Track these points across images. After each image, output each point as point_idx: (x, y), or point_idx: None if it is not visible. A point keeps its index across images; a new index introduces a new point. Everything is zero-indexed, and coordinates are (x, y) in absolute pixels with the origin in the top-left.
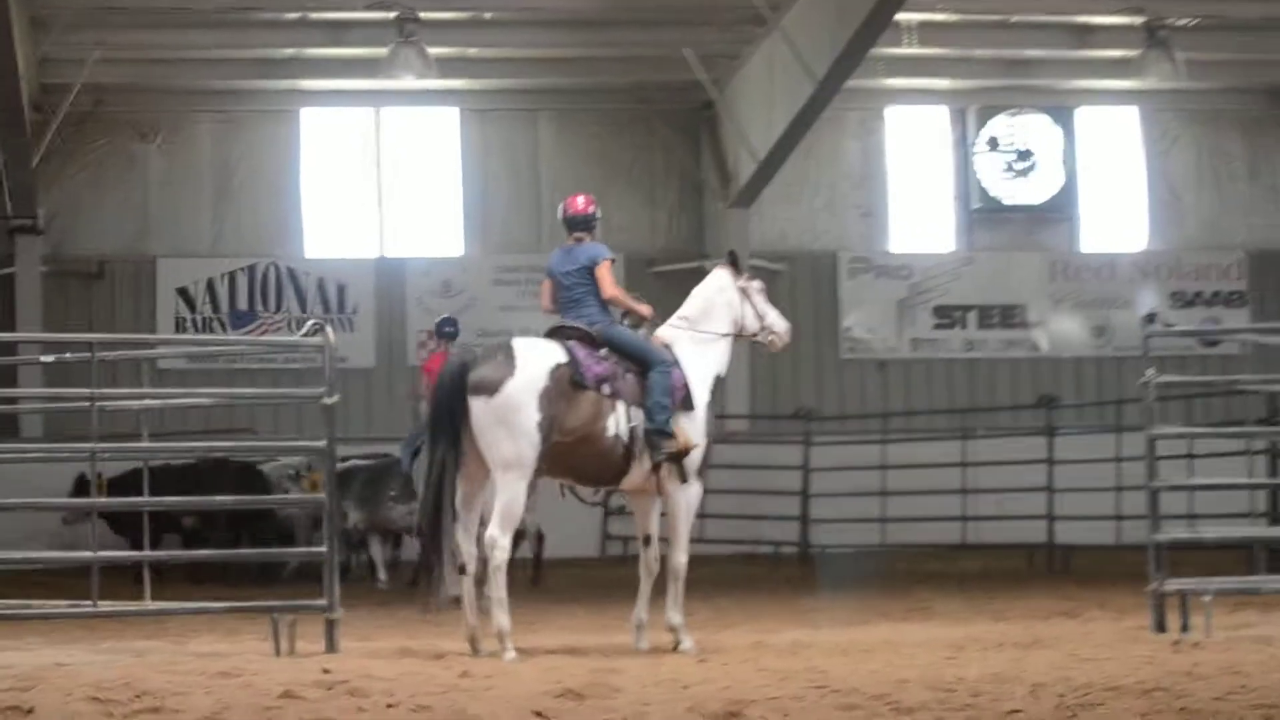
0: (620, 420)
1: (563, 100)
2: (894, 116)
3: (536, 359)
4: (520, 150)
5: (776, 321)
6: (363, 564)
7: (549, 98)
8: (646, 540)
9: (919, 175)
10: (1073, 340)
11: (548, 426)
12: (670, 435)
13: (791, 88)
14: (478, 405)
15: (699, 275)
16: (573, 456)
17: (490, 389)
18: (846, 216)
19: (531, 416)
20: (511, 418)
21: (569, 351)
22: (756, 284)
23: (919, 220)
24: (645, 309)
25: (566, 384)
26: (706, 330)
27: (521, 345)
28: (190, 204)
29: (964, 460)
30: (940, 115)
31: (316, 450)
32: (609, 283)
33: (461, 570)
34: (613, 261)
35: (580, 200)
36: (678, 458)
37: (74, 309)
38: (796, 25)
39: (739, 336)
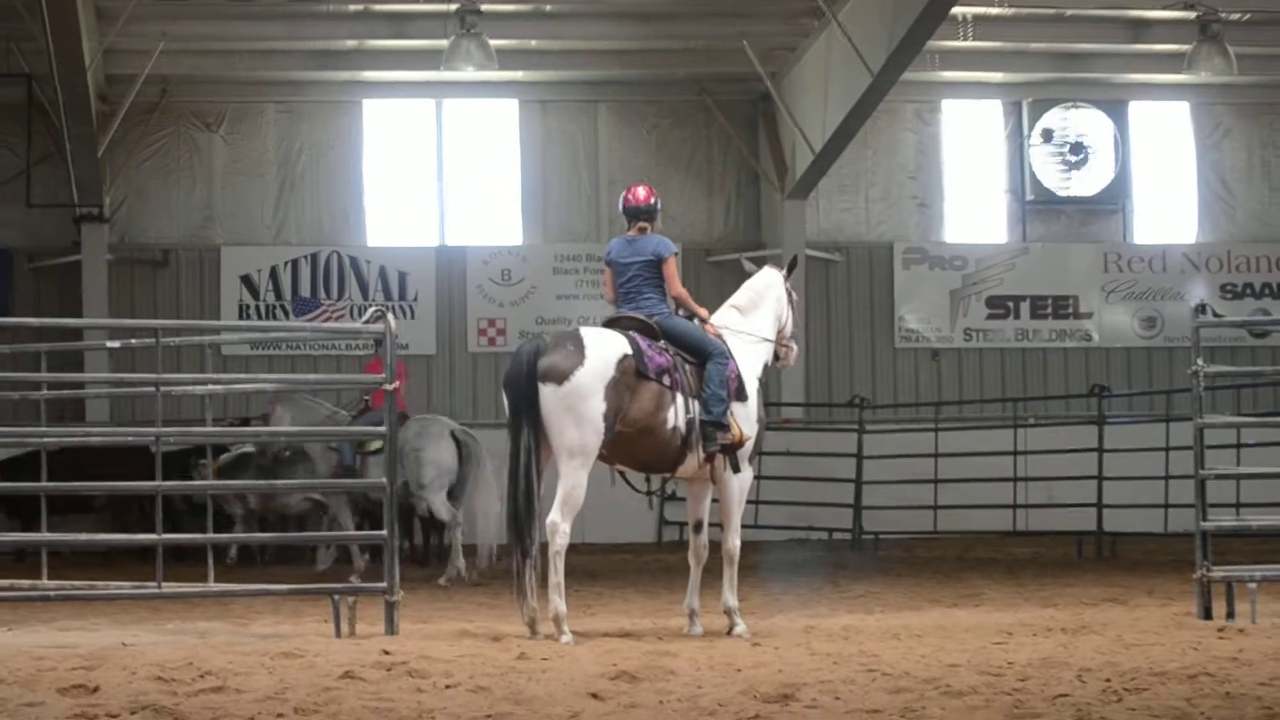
0: (679, 411)
1: (622, 92)
2: (949, 109)
3: (604, 349)
4: (579, 141)
5: (794, 340)
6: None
7: (608, 89)
8: (698, 527)
9: (973, 167)
10: (1124, 330)
11: (612, 416)
12: (725, 427)
13: (848, 80)
14: (547, 392)
15: (756, 265)
16: (632, 445)
17: (560, 377)
18: (902, 207)
19: (598, 406)
20: (579, 406)
21: (633, 342)
22: (795, 296)
23: (973, 212)
24: (704, 312)
25: (631, 375)
26: (753, 327)
27: (590, 335)
28: (254, 193)
29: (1015, 449)
30: (995, 108)
31: (378, 434)
32: (676, 280)
33: (526, 553)
34: (677, 255)
35: (642, 190)
36: (731, 449)
37: (139, 296)
38: (853, 18)
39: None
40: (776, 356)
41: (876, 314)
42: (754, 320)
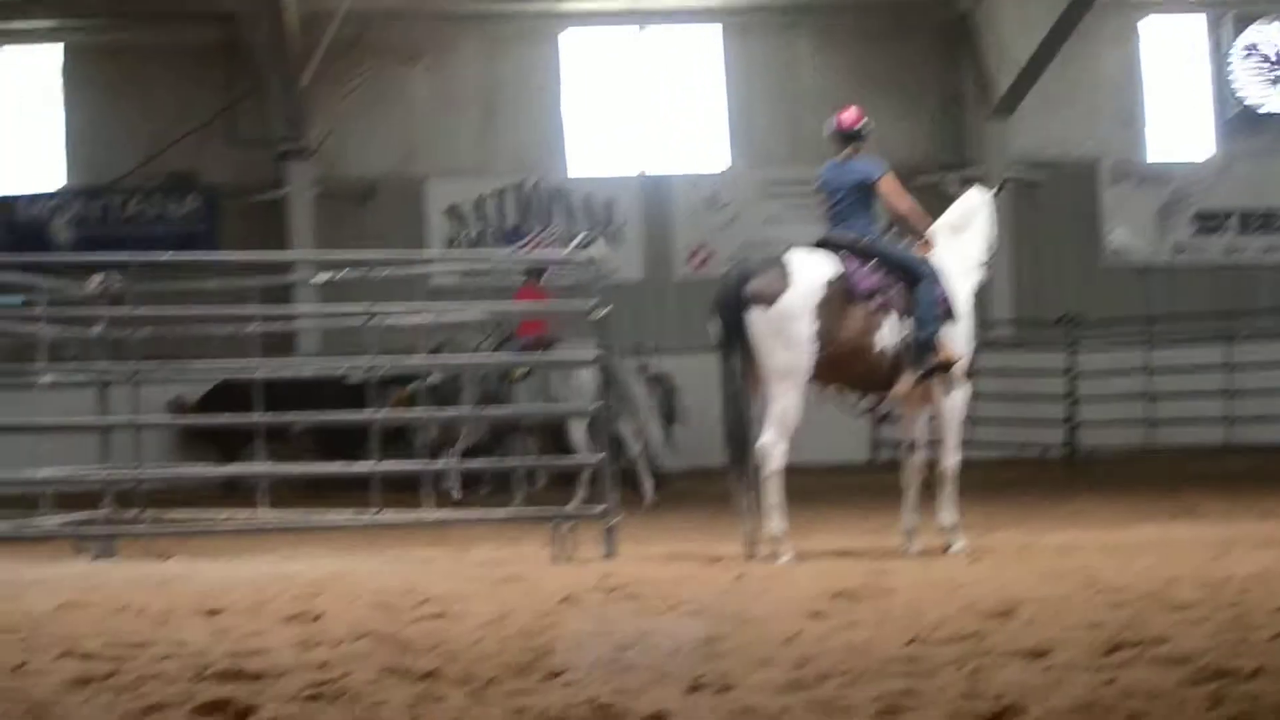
0: (889, 332)
1: (822, 14)
2: (1151, 25)
3: (812, 271)
4: (781, 65)
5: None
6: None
7: (809, 12)
8: (912, 446)
9: (1176, 83)
10: None
11: (822, 338)
12: (936, 347)
13: None
14: (755, 315)
15: (960, 185)
16: (843, 367)
17: (768, 299)
18: (1105, 125)
19: (807, 327)
20: (787, 328)
21: (841, 264)
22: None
23: (1177, 127)
24: (926, 228)
25: (840, 296)
26: (964, 247)
27: (797, 257)
28: (456, 125)
29: (1227, 363)
30: (1197, 23)
31: (588, 362)
32: (900, 194)
33: (743, 475)
34: (889, 174)
35: (850, 114)
36: (943, 368)
37: (345, 230)
38: None
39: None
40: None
41: (1082, 232)
42: (965, 240)
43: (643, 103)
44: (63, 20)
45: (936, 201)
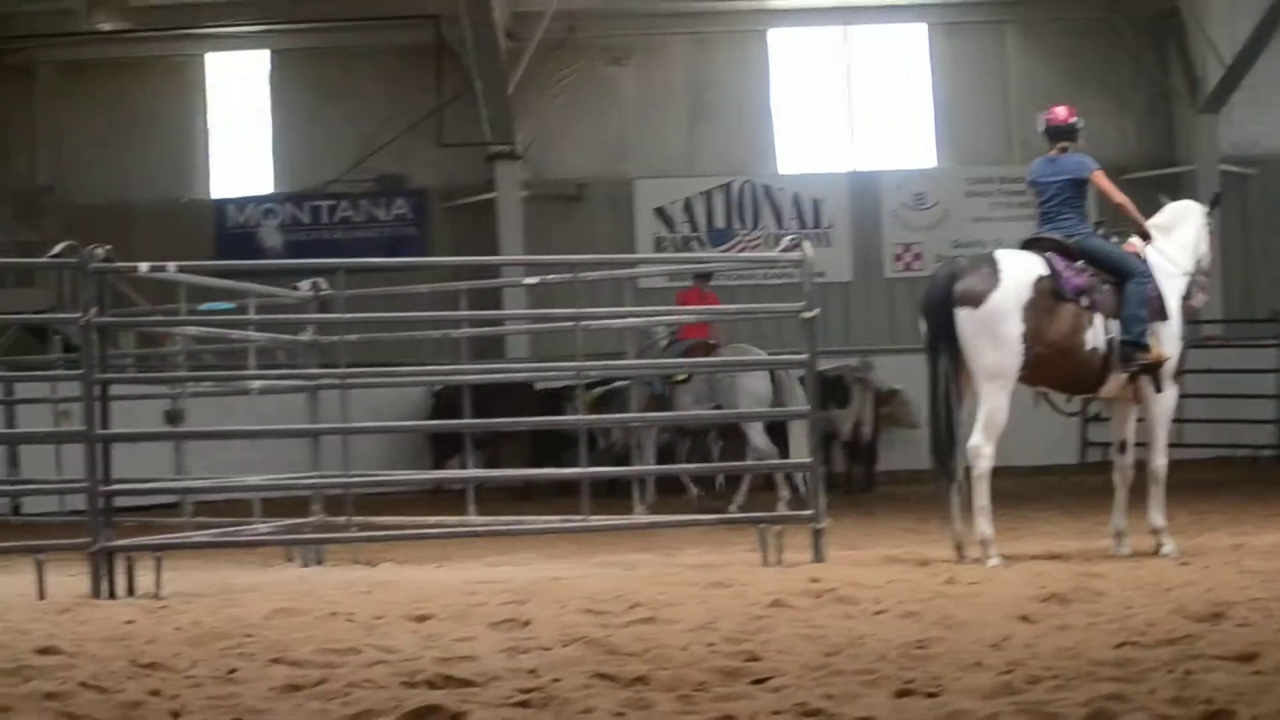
0: (1098, 332)
1: (1029, 11)
2: None
3: (1020, 271)
4: (988, 62)
5: (1207, 280)
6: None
7: (1016, 9)
8: (1122, 447)
9: None
10: None
11: (1030, 338)
12: (1145, 347)
13: None
14: (963, 315)
15: (1170, 182)
16: (1052, 367)
17: (976, 300)
18: None
19: (1015, 328)
20: (996, 328)
21: (1049, 263)
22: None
23: None
24: (1145, 224)
25: (1048, 296)
26: (1173, 247)
27: (1005, 257)
28: (664, 125)
29: None
30: None
31: (798, 363)
32: (1114, 190)
33: (949, 478)
34: (1100, 171)
35: (1062, 110)
36: (1152, 368)
37: (554, 231)
38: None
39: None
40: (1188, 294)
41: None
42: (1174, 240)
43: (849, 101)
44: (269, 25)
45: (1145, 200)
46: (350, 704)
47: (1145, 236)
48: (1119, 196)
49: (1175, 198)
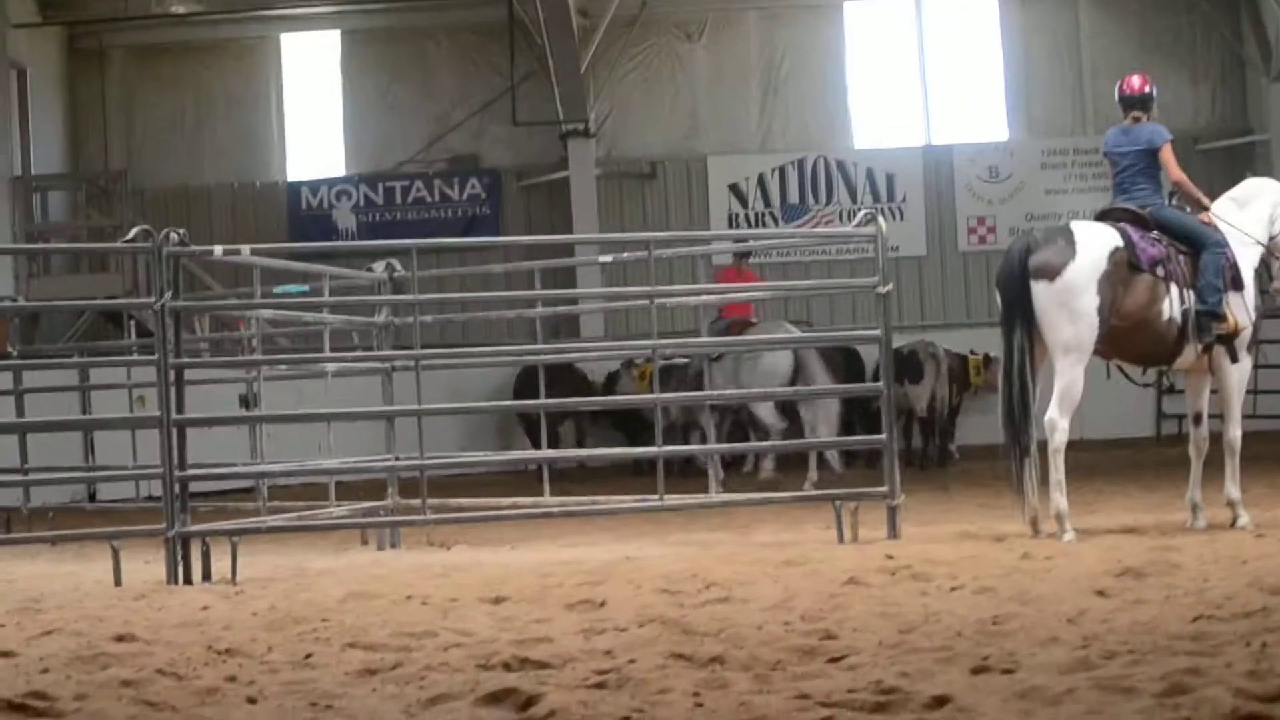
0: (1174, 302)
1: None
2: None
3: (1096, 243)
4: (1061, 33)
5: None
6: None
7: None
8: (1198, 418)
9: None
10: None
11: (1106, 310)
12: (1221, 317)
13: None
14: (1039, 289)
15: (1244, 151)
16: (1128, 339)
17: (1052, 273)
18: None
19: (1092, 300)
20: (1073, 301)
21: (1124, 235)
22: None
23: None
24: (1205, 199)
25: (1124, 268)
26: (1249, 220)
27: (1081, 229)
28: (737, 101)
29: None
30: None
31: (872, 339)
32: (1174, 165)
33: (1024, 452)
34: (1172, 142)
35: (1136, 79)
36: (1227, 339)
37: (628, 209)
38: None
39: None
40: (1269, 270)
41: None
42: (1249, 212)
43: (922, 75)
44: (341, 5)
45: (1220, 169)
46: (426, 687)
47: (1204, 208)
48: (1177, 173)
49: (1249, 167)
